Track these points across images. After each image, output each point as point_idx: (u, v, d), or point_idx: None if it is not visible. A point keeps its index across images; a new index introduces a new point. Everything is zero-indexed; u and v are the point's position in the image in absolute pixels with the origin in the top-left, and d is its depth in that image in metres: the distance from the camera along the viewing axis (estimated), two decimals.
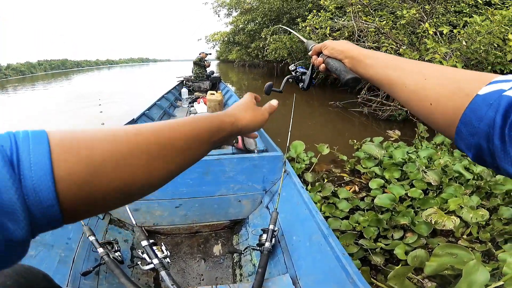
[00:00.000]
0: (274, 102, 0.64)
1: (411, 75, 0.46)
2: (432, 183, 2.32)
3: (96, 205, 0.29)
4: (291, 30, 1.15)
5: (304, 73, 0.87)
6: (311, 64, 0.80)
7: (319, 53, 0.74)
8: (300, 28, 6.35)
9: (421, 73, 0.44)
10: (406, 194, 2.22)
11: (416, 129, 3.63)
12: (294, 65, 0.91)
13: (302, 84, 0.87)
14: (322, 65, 0.71)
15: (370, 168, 2.75)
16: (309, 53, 0.79)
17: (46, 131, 0.27)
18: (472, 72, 0.38)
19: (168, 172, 0.36)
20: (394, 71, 0.50)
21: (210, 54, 7.23)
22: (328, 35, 5.21)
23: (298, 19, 6.36)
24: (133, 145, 0.32)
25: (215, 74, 7.50)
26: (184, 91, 6.03)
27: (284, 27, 1.32)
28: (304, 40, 0.90)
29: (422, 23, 4.28)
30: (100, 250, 1.28)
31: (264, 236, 1.42)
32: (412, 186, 2.38)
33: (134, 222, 1.44)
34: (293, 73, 0.90)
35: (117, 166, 0.29)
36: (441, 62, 3.60)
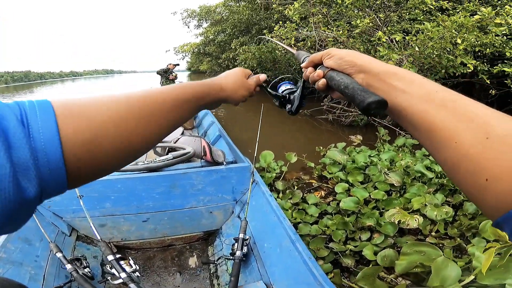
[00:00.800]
0: (262, 77, 0.71)
1: (469, 128, 0.29)
2: (395, 184, 2.42)
3: (100, 164, 0.32)
4: (276, 41, 0.99)
5: (292, 91, 0.66)
6: (302, 80, 0.62)
7: (316, 65, 0.55)
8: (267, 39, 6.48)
9: (484, 127, 0.28)
10: (370, 196, 2.30)
11: (377, 133, 3.79)
12: (278, 82, 0.69)
13: (289, 106, 0.66)
14: (322, 81, 0.51)
15: (335, 173, 2.84)
16: (301, 65, 0.59)
17: (49, 100, 0.30)
18: None
19: (160, 129, 0.40)
20: (441, 111, 0.32)
21: (178, 65, 7.18)
22: (293, 45, 5.37)
23: (265, 30, 6.50)
24: (125, 109, 0.35)
25: None
26: None
27: (267, 37, 1.31)
28: (293, 50, 0.70)
29: (377, 31, 4.49)
30: (69, 266, 1.27)
31: (236, 245, 1.44)
32: (375, 188, 2.46)
33: (99, 237, 1.42)
34: (277, 92, 0.69)
35: (115, 127, 0.33)
36: None
